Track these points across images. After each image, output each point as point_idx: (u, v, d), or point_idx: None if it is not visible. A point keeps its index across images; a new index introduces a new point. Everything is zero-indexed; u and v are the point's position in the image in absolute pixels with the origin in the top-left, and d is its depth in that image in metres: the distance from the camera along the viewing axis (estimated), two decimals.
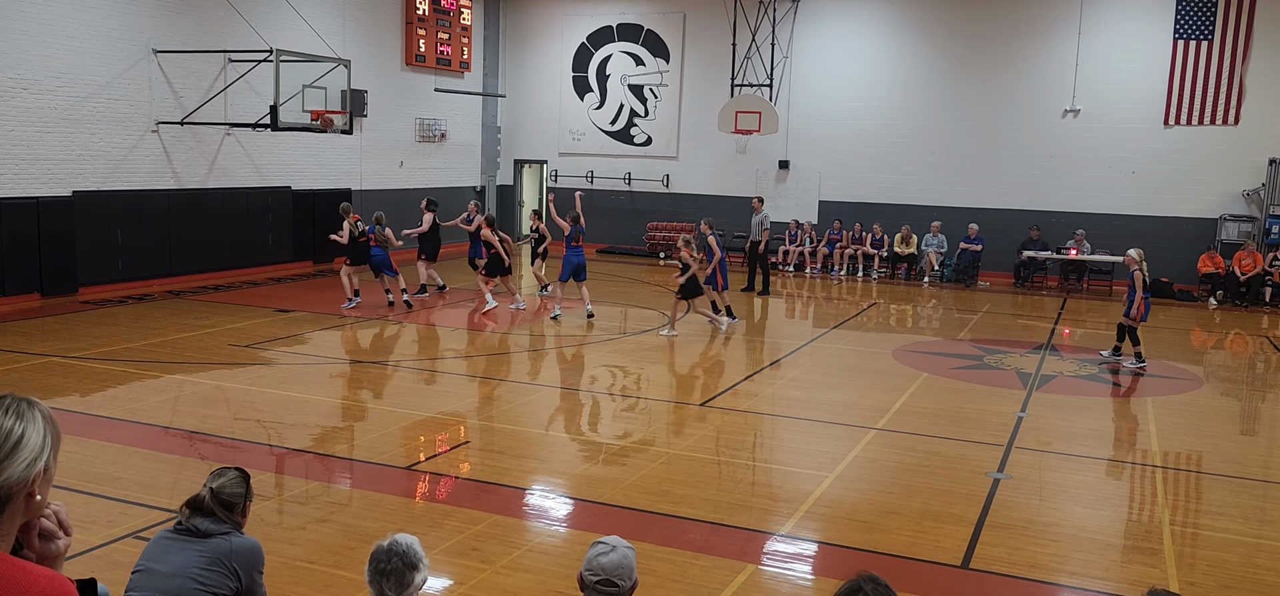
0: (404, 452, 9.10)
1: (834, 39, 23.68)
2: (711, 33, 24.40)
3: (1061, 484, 8.68)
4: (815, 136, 23.96)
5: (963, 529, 7.26)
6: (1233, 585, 6.48)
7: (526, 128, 27.22)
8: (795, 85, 23.93)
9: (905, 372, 12.70)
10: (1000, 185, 22.47)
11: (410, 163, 23.88)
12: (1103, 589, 6.49)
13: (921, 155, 23.12)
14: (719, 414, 10.53)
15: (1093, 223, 21.50)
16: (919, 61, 23.10)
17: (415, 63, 23.49)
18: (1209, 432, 10.66)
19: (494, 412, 10.63)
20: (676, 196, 25.59)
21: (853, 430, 10.00)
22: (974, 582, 6.52)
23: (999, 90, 22.44)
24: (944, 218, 22.44)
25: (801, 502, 7.76)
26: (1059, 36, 21.80)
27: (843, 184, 23.82)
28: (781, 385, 12.26)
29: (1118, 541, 7.37)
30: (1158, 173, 21.22)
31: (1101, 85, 21.47)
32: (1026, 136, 22.24)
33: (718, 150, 24.62)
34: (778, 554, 6.88)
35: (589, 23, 26.19)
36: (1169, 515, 7.89)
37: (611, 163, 26.23)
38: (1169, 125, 21.14)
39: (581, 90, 26.48)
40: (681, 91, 25.40)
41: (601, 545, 3.53)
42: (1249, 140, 20.48)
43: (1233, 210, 20.79)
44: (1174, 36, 20.89)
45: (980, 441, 9.60)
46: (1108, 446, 10.03)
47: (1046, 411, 11.01)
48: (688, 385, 12.10)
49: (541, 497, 7.95)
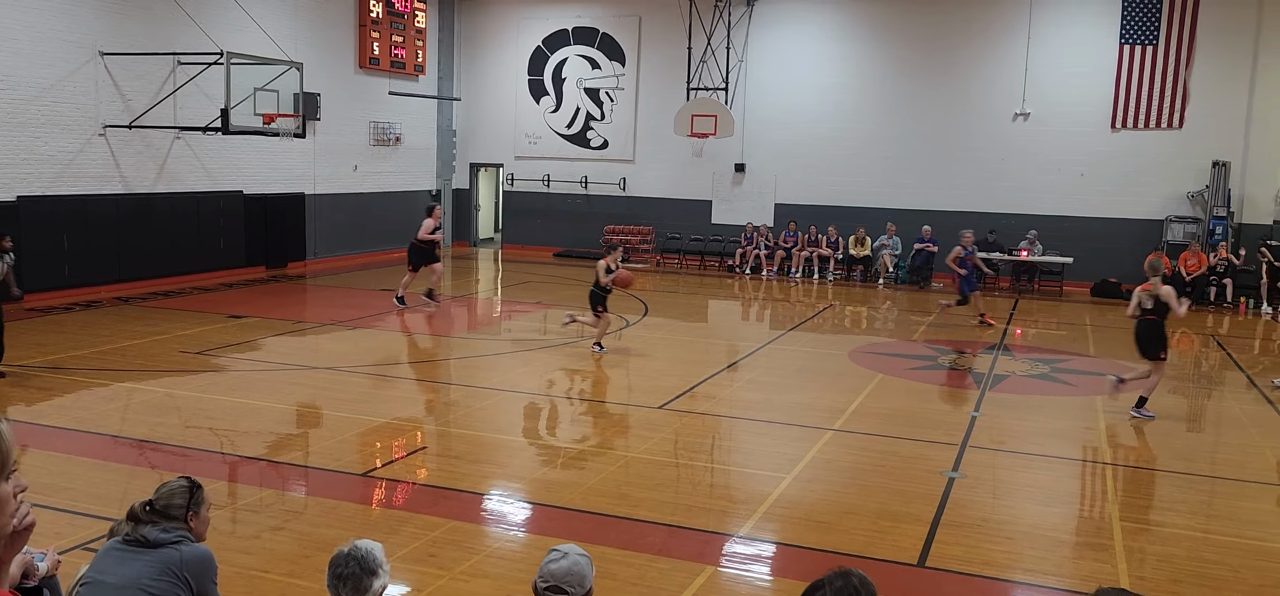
0: (360, 459, 9.00)
1: (789, 43, 23.85)
2: (667, 36, 24.46)
3: (1015, 482, 8.81)
4: (771, 139, 24.11)
5: (919, 528, 7.34)
6: (1181, 579, 6.61)
7: (482, 131, 27.09)
8: (751, 89, 24.06)
9: (861, 373, 12.81)
10: (953, 187, 22.76)
11: (365, 166, 23.66)
12: (1056, 585, 6.59)
13: (876, 158, 23.36)
14: (677, 417, 10.54)
15: (1044, 224, 21.86)
16: (873, 65, 23.35)
17: (369, 66, 23.28)
18: (1157, 430, 10.87)
19: (451, 418, 10.55)
20: (633, 200, 25.61)
21: (810, 431, 10.06)
22: (930, 581, 6.58)
23: (951, 94, 22.75)
24: (898, 220, 22.69)
25: (759, 504, 7.79)
26: (1009, 41, 22.15)
27: (798, 187, 23.99)
28: (739, 387, 12.30)
29: (1070, 538, 7.49)
30: (1106, 175, 21.63)
31: (1050, 89, 21.85)
32: (978, 139, 22.56)
33: (674, 153, 24.68)
34: (736, 555, 6.90)
35: (544, 26, 26.13)
36: (1119, 511, 8.03)
37: (568, 166, 26.18)
38: (1116, 128, 21.56)
39: (537, 93, 26.41)
40: (638, 95, 25.43)
41: (555, 552, 3.52)
42: (1193, 143, 20.96)
43: (1178, 211, 21.25)
44: (1120, 41, 21.32)
45: (935, 441, 9.71)
46: (1059, 445, 10.19)
47: (1000, 411, 11.17)
48: (646, 388, 12.10)
49: (499, 503, 7.90)
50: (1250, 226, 20.67)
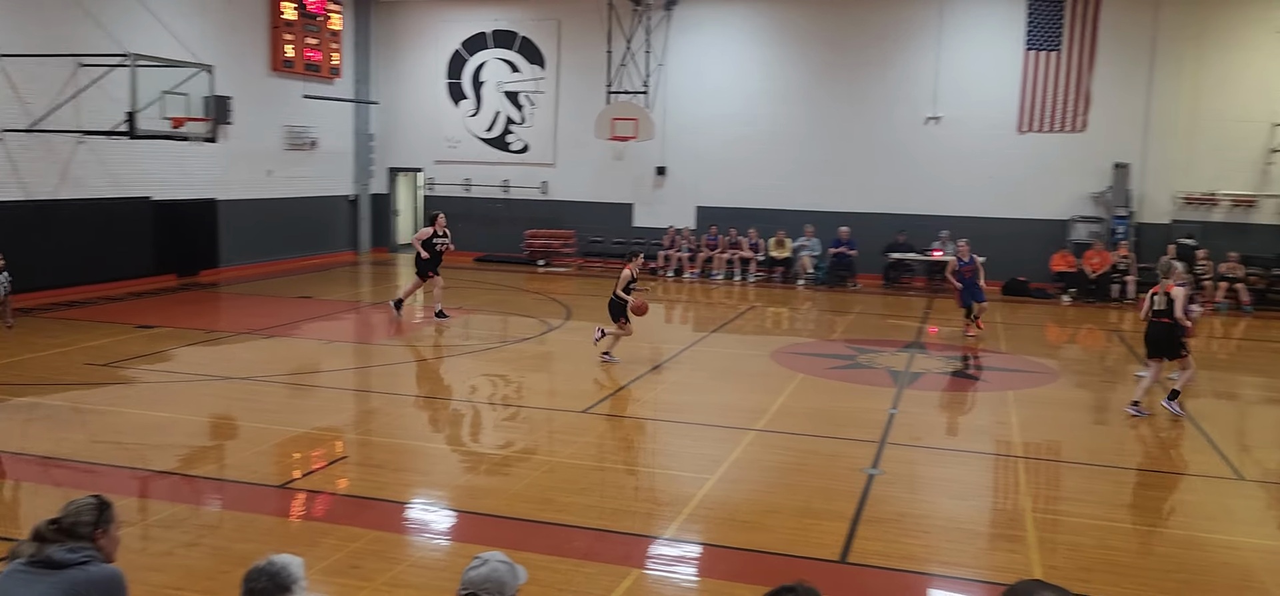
0: (277, 470, 8.80)
1: (707, 47, 24.07)
2: (587, 40, 24.46)
3: (931, 477, 9.03)
4: (691, 143, 24.28)
5: (840, 524, 7.47)
6: (1090, 567, 6.85)
7: (401, 135, 26.72)
8: (670, 92, 24.20)
9: (783, 374, 12.98)
10: (869, 189, 23.22)
11: (279, 171, 23.14)
12: (972, 576, 6.77)
13: (794, 161, 23.70)
14: (601, 420, 10.55)
15: (955, 224, 22.42)
16: (790, 69, 23.69)
17: (283, 69, 22.78)
18: (1065, 423, 11.26)
19: (373, 426, 10.38)
20: (554, 203, 25.54)
21: (733, 432, 10.16)
22: (852, 576, 6.71)
23: (866, 98, 23.21)
24: (817, 221, 23.06)
25: (684, 505, 7.84)
26: (920, 46, 22.69)
27: (719, 189, 24.21)
28: (663, 390, 12.36)
29: (985, 530, 7.71)
30: (1013, 176, 22.30)
31: (960, 93, 22.45)
32: (892, 142, 23.06)
33: (595, 157, 24.68)
34: (662, 557, 6.93)
35: (463, 29, 25.91)
36: (1031, 503, 8.29)
37: (488, 170, 25.99)
38: (1023, 131, 22.24)
39: (456, 97, 26.16)
40: (558, 98, 25.37)
41: (476, 560, 3.50)
42: (1095, 145, 21.75)
43: (1082, 211, 22.02)
44: (1025, 47, 22.01)
45: (855, 439, 9.89)
46: (973, 439, 10.48)
47: (916, 407, 11.43)
48: (569, 392, 12.08)
49: (422, 511, 7.81)
50: (1149, 225, 21.51)
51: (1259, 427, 11.41)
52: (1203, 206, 21.35)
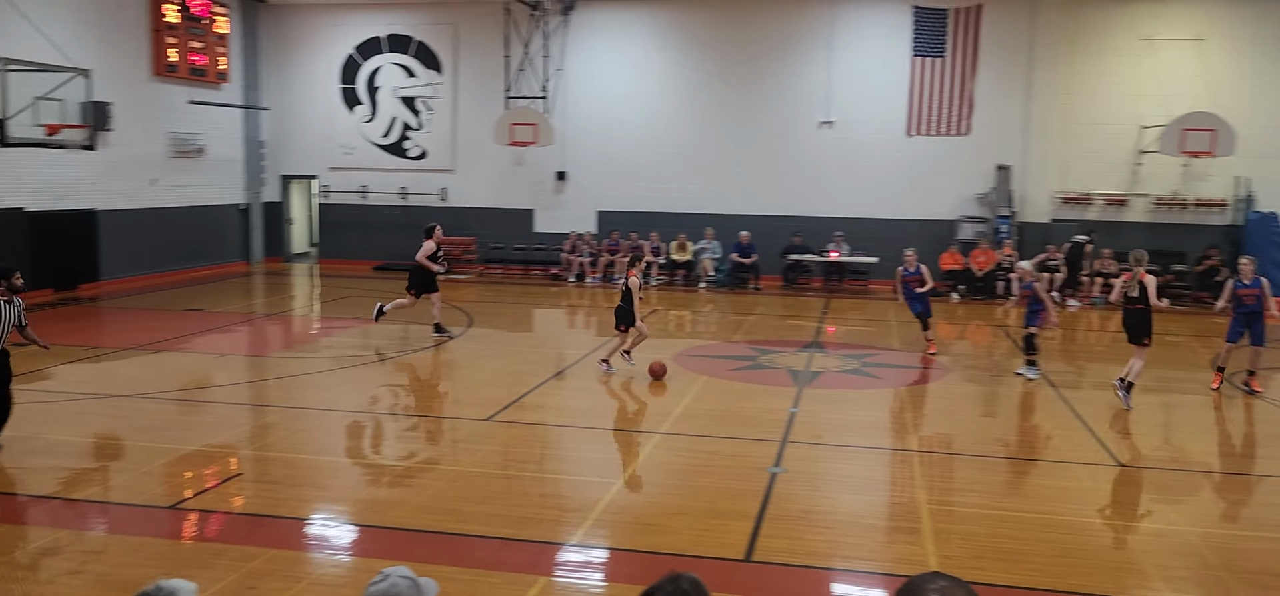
0: (167, 491, 8.48)
1: (606, 52, 24.15)
2: (484, 45, 24.27)
3: (832, 473, 9.25)
4: (591, 148, 24.32)
5: (744, 524, 7.58)
6: (983, 555, 7.11)
7: (293, 142, 26.06)
8: (570, 97, 24.20)
9: (686, 376, 13.10)
10: (767, 192, 23.64)
11: (165, 180, 22.31)
12: (872, 569, 6.96)
13: (694, 164, 23.96)
14: (505, 428, 10.48)
15: (849, 226, 23.01)
16: (687, 74, 23.95)
17: (166, 73, 21.97)
18: (957, 416, 11.66)
19: (268, 441, 10.09)
20: (454, 210, 25.23)
21: (638, 436, 10.21)
22: (757, 574, 6.82)
23: (761, 103, 23.62)
24: (717, 224, 23.35)
25: (591, 511, 7.85)
26: (812, 53, 23.21)
27: (620, 194, 24.30)
28: (567, 395, 12.34)
29: (884, 523, 7.93)
30: (903, 179, 22.99)
31: (852, 98, 23.04)
32: (788, 146, 23.53)
33: (495, 162, 24.51)
34: (569, 563, 6.93)
35: (356, 33, 25.42)
36: (926, 495, 8.56)
37: (385, 177, 25.54)
38: (911, 135, 22.96)
39: (351, 102, 25.65)
40: (456, 104, 25.11)
41: (378, 576, 3.44)
42: (979, 148, 22.59)
43: (968, 212, 22.84)
44: (912, 54, 22.73)
45: (758, 438, 10.05)
46: (871, 435, 10.76)
47: (816, 406, 11.68)
48: (472, 400, 11.96)
49: (322, 527, 7.63)
50: (1031, 224, 22.44)
51: (1133, 415, 12.01)
52: (1079, 206, 22.39)
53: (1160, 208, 22.10)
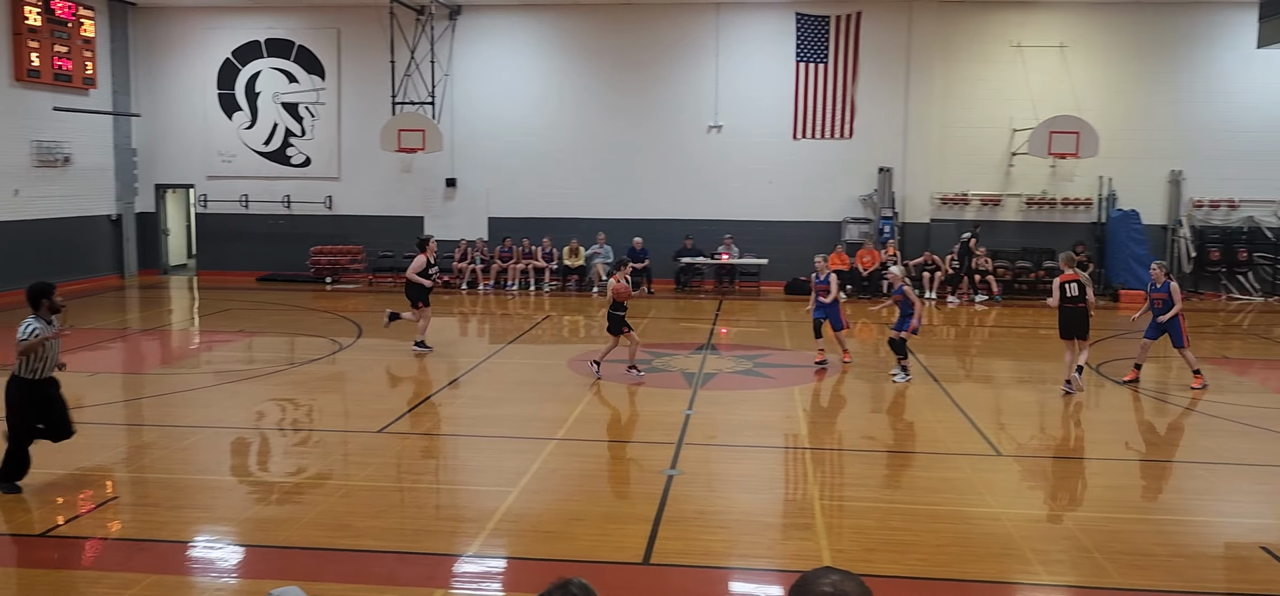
0: (38, 518, 8.04)
1: (494, 57, 23.96)
2: (369, 49, 23.80)
3: (727, 474, 9.37)
4: (481, 154, 24.10)
5: (642, 527, 7.62)
6: (874, 547, 7.32)
7: (168, 149, 25.06)
8: (458, 103, 23.93)
9: (581, 382, 13.10)
10: (658, 196, 23.83)
11: (27, 190, 21.16)
12: (769, 566, 7.08)
13: (584, 170, 23.98)
14: (398, 439, 10.29)
15: (739, 228, 23.38)
16: (577, 79, 23.96)
17: (28, 79, 20.85)
18: (846, 413, 11.97)
19: (147, 462, 9.66)
20: (341, 218, 24.69)
21: (534, 442, 10.17)
22: (655, 576, 6.86)
23: (651, 108, 23.81)
24: (609, 229, 23.43)
25: (488, 520, 7.78)
26: (700, 58, 23.52)
27: (511, 200, 24.15)
28: (461, 404, 12.20)
29: (778, 521, 8.08)
30: (790, 182, 23.49)
31: (739, 103, 23.43)
32: (678, 150, 23.77)
33: (382, 170, 24.06)
34: (467, 574, 6.85)
35: (233, 37, 24.61)
36: (818, 492, 8.76)
37: (268, 185, 24.79)
38: (797, 139, 23.47)
39: (229, 108, 24.81)
40: (340, 110, 24.55)
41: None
42: (862, 151, 23.24)
43: (853, 213, 23.47)
44: (796, 59, 23.24)
45: (653, 441, 10.12)
46: (764, 435, 10.95)
47: (711, 407, 11.82)
48: (363, 412, 11.71)
49: (207, 549, 7.35)
50: (912, 224, 23.20)
51: (1011, 407, 12.53)
52: (956, 206, 23.25)
53: (1031, 207, 23.15)
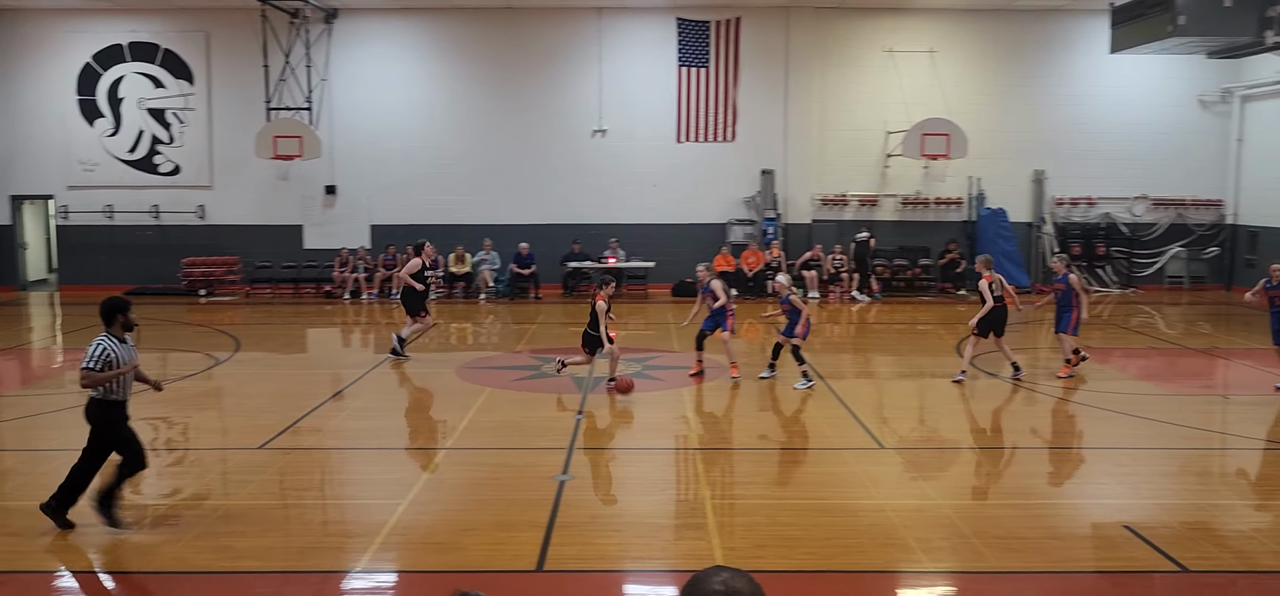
0: None
1: (373, 62, 23.49)
2: (241, 54, 23.02)
3: (619, 477, 9.41)
4: (362, 160, 23.59)
5: (535, 533, 7.58)
6: (764, 544, 7.45)
7: (24, 159, 23.72)
8: (337, 108, 23.37)
9: (469, 389, 12.94)
10: (544, 201, 23.76)
11: None
12: (662, 567, 7.13)
13: (468, 176, 23.72)
14: (281, 455, 9.98)
15: (625, 232, 23.49)
16: (458, 84, 23.69)
17: None
18: (735, 412, 12.15)
19: (6, 488, 9.12)
20: (215, 228, 23.80)
21: (422, 453, 10.00)
22: (549, 583, 6.83)
23: (535, 112, 23.72)
24: (495, 235, 23.24)
25: (377, 534, 7.61)
26: (582, 62, 23.56)
27: (394, 207, 23.71)
28: (346, 416, 11.90)
29: (670, 522, 8.14)
30: (675, 184, 23.74)
31: (623, 107, 23.56)
32: (562, 155, 23.75)
33: (258, 177, 23.30)
34: (356, 591, 6.69)
35: (93, 41, 23.46)
36: (710, 491, 8.86)
37: (134, 195, 23.72)
38: (681, 142, 23.75)
39: (91, 115, 23.64)
40: (211, 116, 23.67)
41: None
42: (745, 154, 23.67)
43: (737, 215, 23.87)
44: (678, 63, 23.51)
45: (545, 447, 10.07)
46: (654, 436, 11.02)
47: (601, 411, 11.84)
48: (243, 429, 11.31)
49: (73, 580, 6.98)
50: (795, 225, 23.74)
51: (892, 401, 12.95)
52: (836, 206, 23.90)
53: (906, 206, 23.97)
